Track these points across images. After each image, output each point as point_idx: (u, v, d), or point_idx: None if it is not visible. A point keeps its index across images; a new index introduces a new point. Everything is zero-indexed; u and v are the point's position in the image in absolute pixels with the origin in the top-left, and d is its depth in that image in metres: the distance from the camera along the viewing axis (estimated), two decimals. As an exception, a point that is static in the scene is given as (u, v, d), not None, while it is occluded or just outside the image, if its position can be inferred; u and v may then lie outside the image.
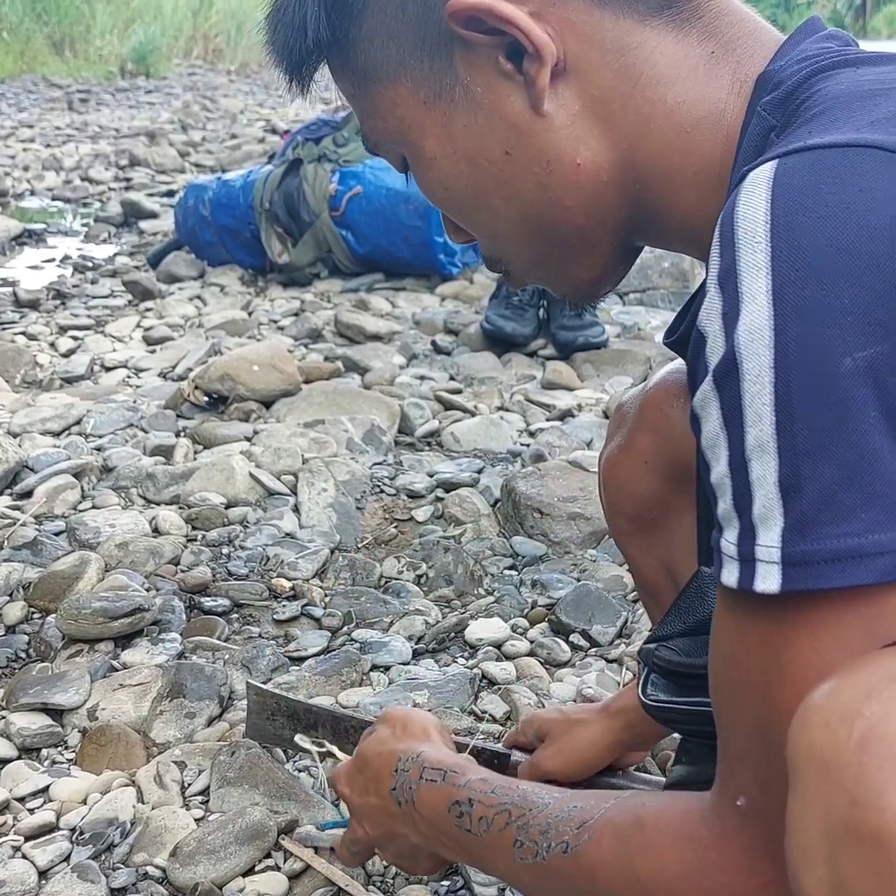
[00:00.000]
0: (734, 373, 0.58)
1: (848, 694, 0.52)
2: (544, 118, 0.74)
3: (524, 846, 0.74)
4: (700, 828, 0.64)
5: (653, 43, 0.73)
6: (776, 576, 0.57)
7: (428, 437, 2.30)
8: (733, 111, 0.72)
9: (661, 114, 0.73)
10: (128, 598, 1.51)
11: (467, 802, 0.81)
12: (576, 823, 0.71)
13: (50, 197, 5.08)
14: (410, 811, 0.88)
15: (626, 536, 1.06)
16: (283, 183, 3.43)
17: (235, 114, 7.98)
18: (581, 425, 2.31)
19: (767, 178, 0.59)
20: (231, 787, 1.21)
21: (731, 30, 0.74)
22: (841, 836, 0.50)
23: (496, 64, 0.73)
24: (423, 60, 0.75)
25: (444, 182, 0.79)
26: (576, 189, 0.75)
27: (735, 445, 0.59)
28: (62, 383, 2.61)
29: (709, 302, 0.61)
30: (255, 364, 2.38)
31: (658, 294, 3.34)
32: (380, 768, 0.93)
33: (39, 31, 10.55)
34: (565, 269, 0.82)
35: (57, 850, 1.14)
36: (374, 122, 0.81)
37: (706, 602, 0.90)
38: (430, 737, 0.95)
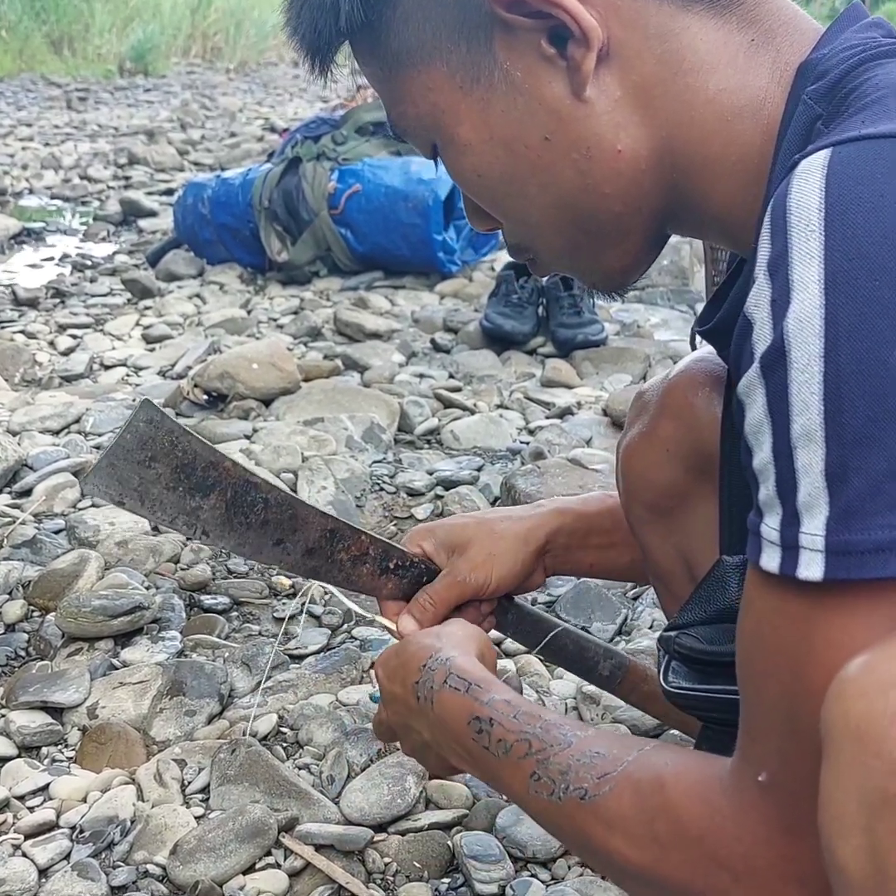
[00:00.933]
0: (782, 361, 0.58)
1: (884, 666, 0.52)
2: (585, 104, 0.73)
3: (541, 780, 0.74)
4: (719, 796, 0.64)
5: (695, 29, 0.72)
6: (819, 563, 0.57)
7: (427, 435, 2.30)
8: (774, 100, 0.71)
9: (702, 101, 0.72)
10: (127, 597, 1.51)
11: (488, 721, 0.80)
12: (597, 772, 0.70)
13: (49, 195, 5.08)
14: (427, 710, 0.87)
15: (644, 524, 1.06)
16: (283, 181, 3.43)
17: (234, 112, 7.97)
18: (580, 423, 2.31)
19: (822, 165, 0.59)
20: (231, 785, 1.21)
21: (771, 17, 0.73)
22: (878, 804, 0.50)
23: (538, 48, 0.72)
24: (461, 44, 0.74)
25: (479, 169, 0.78)
26: (615, 176, 0.75)
27: (780, 433, 0.59)
28: (61, 382, 2.61)
29: (757, 289, 0.60)
30: (255, 362, 2.38)
31: (657, 292, 3.33)
32: (411, 659, 0.92)
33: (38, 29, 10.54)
34: (597, 258, 0.81)
35: (57, 849, 1.14)
36: (404, 108, 0.79)
37: (727, 591, 0.90)
38: (471, 648, 0.92)
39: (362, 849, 1.13)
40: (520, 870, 1.13)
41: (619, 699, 1.26)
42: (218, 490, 0.93)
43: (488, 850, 1.12)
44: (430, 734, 0.88)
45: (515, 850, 1.14)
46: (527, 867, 1.13)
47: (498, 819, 1.17)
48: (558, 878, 1.12)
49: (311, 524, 0.98)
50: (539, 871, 1.13)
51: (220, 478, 0.93)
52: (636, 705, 1.25)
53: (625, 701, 1.26)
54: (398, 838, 1.15)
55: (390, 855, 1.14)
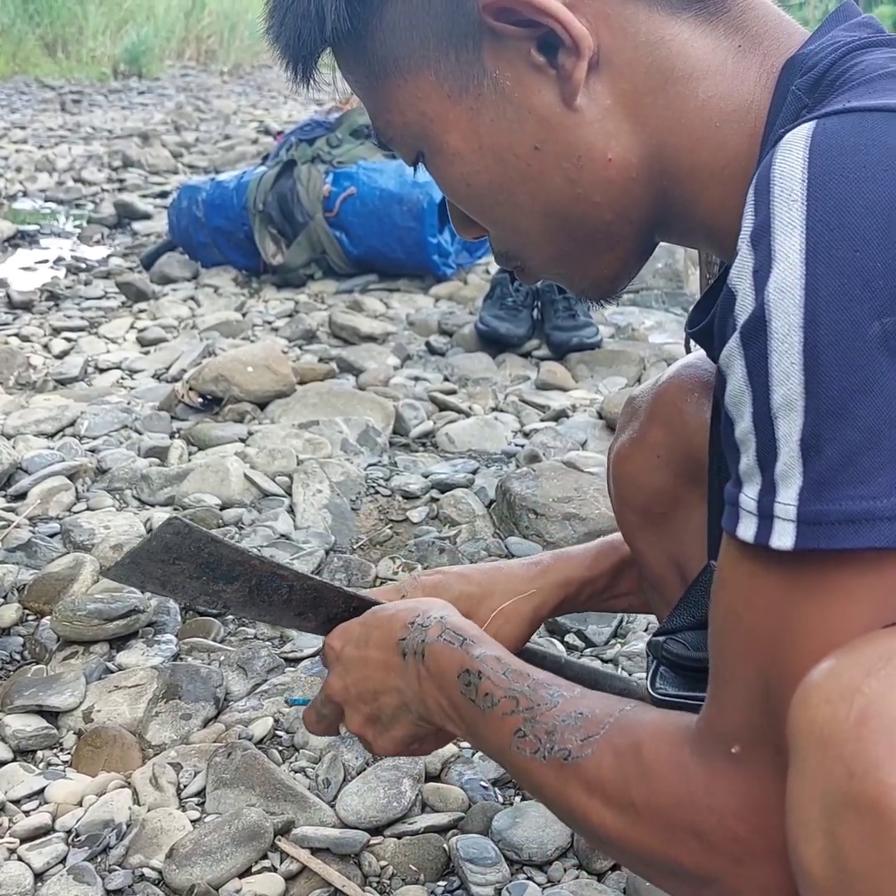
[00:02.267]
0: (762, 330, 0.58)
1: (848, 672, 0.52)
2: (576, 112, 0.73)
3: (526, 738, 0.74)
4: (692, 765, 0.65)
5: (684, 37, 0.72)
6: (791, 533, 0.57)
7: (423, 438, 2.30)
8: (760, 103, 0.72)
9: (691, 108, 0.72)
10: (123, 600, 1.51)
11: (476, 674, 0.80)
12: (581, 734, 0.71)
13: (43, 198, 5.07)
14: (415, 664, 0.86)
15: (635, 530, 1.06)
16: (277, 184, 3.43)
17: (228, 115, 7.97)
18: (575, 426, 2.31)
19: (805, 136, 0.59)
20: (227, 789, 1.21)
21: (758, 23, 0.74)
22: (839, 808, 0.51)
23: (527, 57, 0.72)
24: (449, 52, 0.73)
25: (467, 178, 0.77)
26: (605, 184, 0.75)
27: (760, 402, 0.59)
28: (56, 385, 2.60)
29: (740, 260, 0.60)
30: (250, 365, 2.38)
31: (652, 295, 3.34)
32: (391, 620, 0.91)
33: (32, 32, 10.53)
34: (586, 265, 0.81)
35: (53, 853, 1.14)
36: (390, 117, 0.79)
37: None
38: (456, 611, 0.92)
39: (358, 852, 1.14)
40: (515, 873, 1.13)
41: None
42: (242, 579, 0.92)
43: (484, 854, 1.12)
44: (415, 688, 0.87)
45: (511, 853, 1.14)
46: (523, 870, 1.13)
47: (494, 822, 1.17)
48: (554, 881, 1.12)
49: (334, 601, 0.99)
50: (535, 874, 1.13)
51: (246, 571, 0.92)
52: None
53: None
54: (394, 841, 1.15)
55: (386, 858, 1.14)
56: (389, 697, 0.90)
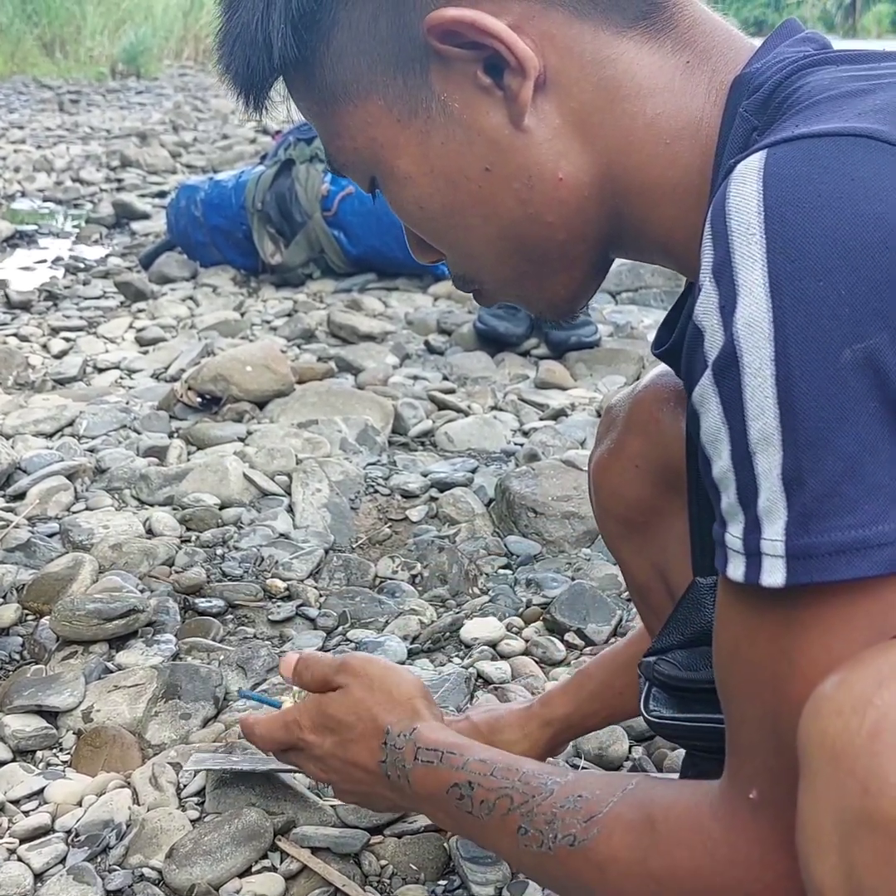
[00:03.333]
0: (734, 366, 0.58)
1: (859, 684, 0.52)
2: (525, 133, 0.72)
3: (529, 834, 0.74)
4: (710, 821, 0.64)
5: (631, 55, 0.72)
6: (781, 569, 0.57)
7: (422, 437, 2.30)
8: (710, 119, 0.71)
9: (640, 126, 0.72)
10: (122, 600, 1.50)
11: (467, 785, 0.80)
12: (583, 816, 0.70)
13: (41, 198, 5.07)
14: (402, 786, 0.87)
15: (617, 539, 1.06)
16: (275, 183, 3.43)
17: (226, 114, 7.97)
18: (574, 424, 2.31)
19: (758, 168, 0.59)
20: (227, 788, 1.20)
21: (705, 39, 0.73)
22: (853, 824, 0.50)
23: (474, 79, 0.71)
24: (397, 77, 0.73)
25: (420, 201, 0.77)
26: (557, 204, 0.74)
27: (737, 439, 0.58)
28: (54, 385, 2.60)
29: (704, 295, 0.60)
30: (249, 365, 2.38)
31: (650, 293, 3.34)
32: (364, 736, 0.91)
33: (30, 32, 10.53)
34: (542, 286, 0.80)
35: (52, 853, 1.14)
36: (341, 143, 0.78)
37: (703, 613, 0.89)
38: (418, 711, 0.92)
39: (358, 851, 1.13)
40: (516, 872, 1.13)
41: None
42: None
43: (485, 853, 1.12)
44: (409, 804, 0.90)
45: (512, 852, 1.14)
46: (523, 869, 1.13)
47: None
48: (555, 880, 1.12)
49: None
50: (535, 872, 1.13)
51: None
52: None
53: None
54: (394, 841, 1.15)
55: (386, 857, 1.14)
56: (378, 799, 0.94)
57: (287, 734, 0.98)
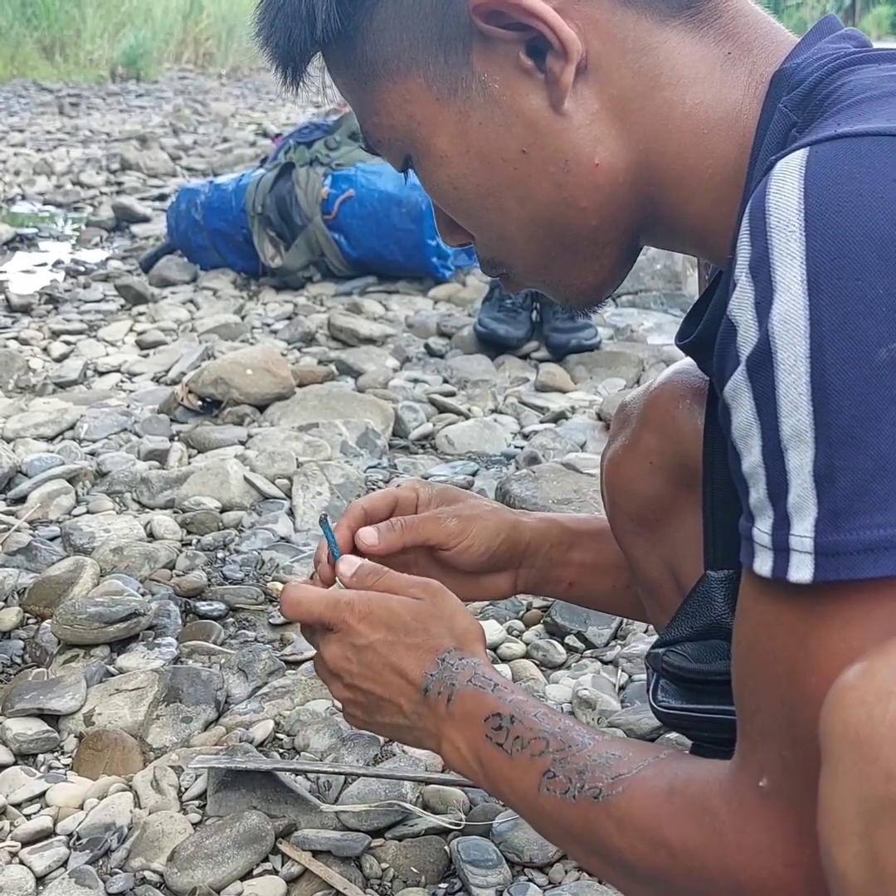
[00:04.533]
0: (768, 362, 0.58)
1: (882, 673, 0.52)
2: (563, 117, 0.73)
3: (556, 778, 0.74)
4: (718, 802, 0.65)
5: (672, 43, 0.73)
6: (809, 565, 0.57)
7: (422, 440, 2.30)
8: (749, 112, 0.72)
9: (678, 115, 0.73)
10: (123, 603, 1.51)
11: (508, 718, 0.80)
12: (612, 773, 0.71)
13: (41, 201, 5.08)
14: (437, 704, 0.84)
15: (630, 536, 1.06)
16: (276, 187, 3.43)
17: (227, 117, 7.97)
18: (574, 427, 2.31)
19: (799, 165, 0.59)
20: (228, 791, 1.21)
21: (748, 31, 0.74)
22: (877, 811, 0.50)
23: (516, 60, 0.72)
24: (439, 55, 0.74)
25: (454, 181, 0.77)
26: (592, 189, 0.75)
27: (769, 435, 0.59)
28: (55, 388, 2.61)
29: (740, 291, 0.60)
30: (249, 368, 2.38)
31: (650, 296, 3.34)
32: (420, 647, 0.87)
33: (29, 35, 10.54)
34: (572, 272, 0.81)
35: (54, 856, 1.14)
36: (378, 119, 0.79)
37: (713, 606, 0.90)
38: (482, 653, 0.89)
39: (359, 854, 1.14)
40: (517, 874, 1.13)
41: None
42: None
43: (485, 855, 1.12)
44: (427, 725, 0.86)
45: (512, 855, 1.14)
46: (524, 872, 1.14)
47: (495, 824, 1.17)
48: (555, 883, 1.12)
49: None
50: (536, 875, 1.13)
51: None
52: None
53: None
54: (395, 844, 1.15)
55: (387, 860, 1.14)
56: (390, 710, 0.88)
57: (332, 612, 0.90)
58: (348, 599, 0.90)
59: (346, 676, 0.90)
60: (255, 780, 1.21)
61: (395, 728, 0.90)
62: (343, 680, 0.91)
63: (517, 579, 1.09)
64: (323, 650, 0.92)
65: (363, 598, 0.90)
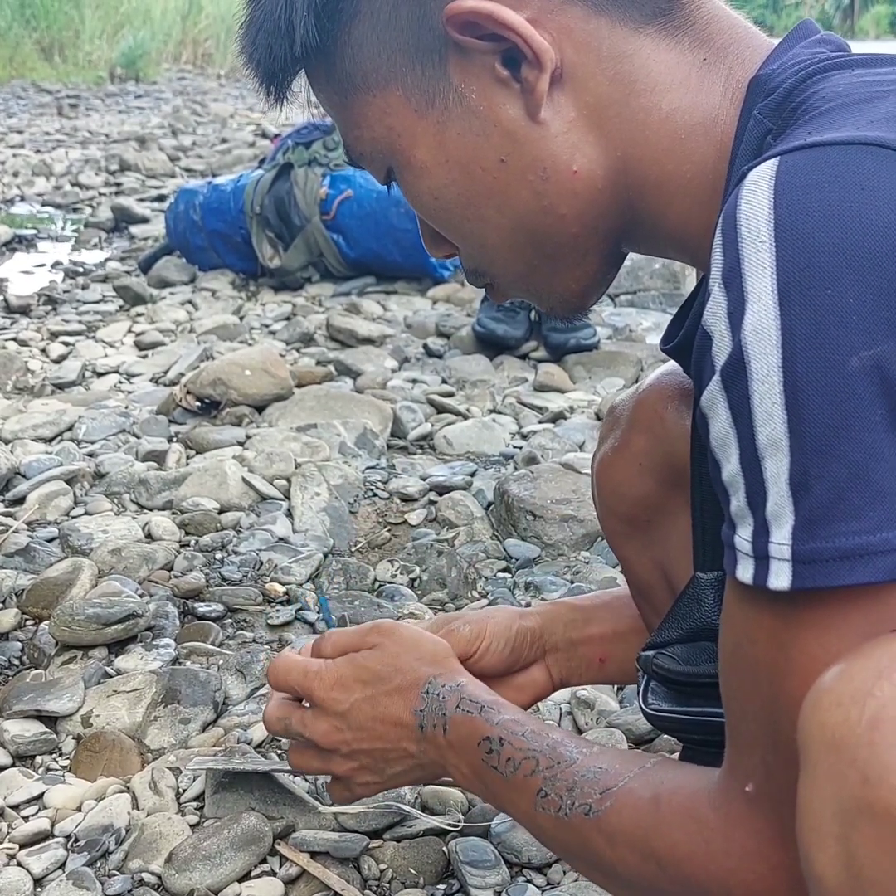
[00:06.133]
0: (742, 372, 0.59)
1: (859, 675, 0.52)
2: (540, 125, 0.73)
3: (548, 797, 0.75)
4: (706, 809, 0.65)
5: (647, 50, 0.73)
6: (787, 573, 0.58)
7: (420, 441, 2.30)
8: (726, 117, 0.72)
9: (655, 121, 0.73)
10: (121, 604, 1.50)
11: (497, 741, 0.82)
12: (600, 788, 0.72)
13: (40, 202, 5.08)
14: (435, 736, 0.88)
15: (620, 538, 1.06)
16: (274, 187, 3.43)
17: (225, 118, 7.98)
18: (573, 427, 2.31)
19: (769, 175, 0.60)
20: (226, 793, 1.20)
21: (723, 36, 0.74)
22: (853, 813, 0.50)
23: (492, 70, 0.73)
24: (416, 67, 0.74)
25: (435, 191, 0.78)
26: (571, 197, 0.75)
27: (745, 443, 0.59)
28: (54, 389, 2.60)
29: (713, 301, 0.61)
30: (247, 368, 2.38)
31: (649, 295, 3.34)
32: (401, 688, 0.91)
33: (28, 36, 10.54)
34: (554, 281, 0.81)
35: (52, 858, 1.14)
36: (359, 132, 0.79)
37: (703, 608, 0.90)
38: (460, 669, 0.92)
39: (358, 855, 1.13)
40: (515, 875, 1.13)
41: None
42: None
43: (484, 856, 1.12)
44: (434, 756, 0.89)
45: (511, 856, 1.14)
46: (522, 873, 1.13)
47: (493, 825, 1.17)
48: (554, 884, 1.12)
49: None
50: (534, 876, 1.13)
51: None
52: None
53: None
54: (393, 845, 1.15)
55: (386, 861, 1.14)
56: (398, 758, 0.92)
57: (301, 680, 0.95)
58: (316, 670, 0.95)
59: (343, 746, 0.94)
60: (253, 781, 1.21)
61: (409, 773, 0.94)
62: (341, 751, 0.95)
63: (549, 669, 1.11)
64: (311, 733, 0.96)
65: (331, 666, 0.95)
